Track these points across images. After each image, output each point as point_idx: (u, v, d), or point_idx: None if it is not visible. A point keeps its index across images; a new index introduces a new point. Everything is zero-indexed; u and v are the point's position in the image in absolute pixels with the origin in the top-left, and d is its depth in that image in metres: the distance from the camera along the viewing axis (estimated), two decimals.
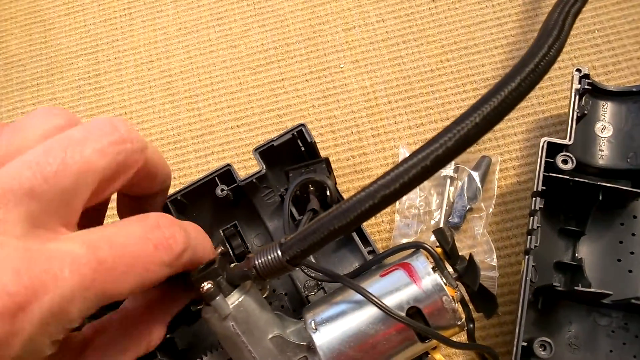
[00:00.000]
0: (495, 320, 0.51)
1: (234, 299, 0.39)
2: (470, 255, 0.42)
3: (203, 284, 0.38)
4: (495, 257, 0.52)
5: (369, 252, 0.51)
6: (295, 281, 0.52)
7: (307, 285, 0.52)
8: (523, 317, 0.45)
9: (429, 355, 0.47)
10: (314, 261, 0.51)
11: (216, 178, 0.52)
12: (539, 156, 0.48)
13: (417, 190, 0.54)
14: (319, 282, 0.51)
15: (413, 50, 0.61)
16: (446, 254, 0.44)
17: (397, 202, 0.55)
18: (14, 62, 0.69)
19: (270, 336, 0.41)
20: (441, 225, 0.53)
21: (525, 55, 0.35)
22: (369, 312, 0.41)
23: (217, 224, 0.56)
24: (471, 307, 0.44)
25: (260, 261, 0.38)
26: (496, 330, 0.51)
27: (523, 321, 0.44)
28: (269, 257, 0.38)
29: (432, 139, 0.33)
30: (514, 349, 0.44)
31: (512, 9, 0.62)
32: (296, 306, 0.53)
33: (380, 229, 0.56)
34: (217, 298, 0.38)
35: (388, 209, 0.56)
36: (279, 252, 0.37)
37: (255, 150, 0.52)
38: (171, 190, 0.58)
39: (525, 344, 0.45)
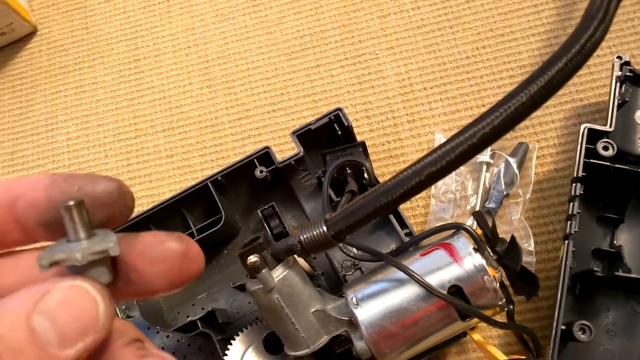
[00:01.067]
0: (531, 305, 0.51)
1: (279, 273, 0.40)
2: (512, 237, 0.42)
3: (249, 257, 0.39)
4: (532, 242, 0.52)
5: (406, 234, 0.51)
6: (333, 261, 0.53)
7: (345, 265, 0.52)
8: (563, 299, 0.45)
9: (467, 336, 0.47)
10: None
11: (255, 160, 0.53)
12: (579, 142, 0.48)
13: (453, 175, 0.55)
14: (356, 263, 0.52)
15: (448, 37, 0.61)
16: (486, 236, 0.44)
17: (433, 187, 0.55)
18: (57, 47, 0.71)
19: (312, 310, 0.42)
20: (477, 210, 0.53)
21: (570, 37, 0.35)
22: (411, 290, 0.42)
23: (254, 204, 0.57)
24: (510, 291, 0.45)
25: (305, 236, 0.38)
26: (532, 315, 0.51)
27: (563, 303, 0.45)
28: (315, 233, 0.38)
29: (478, 117, 0.33)
30: (553, 331, 0.44)
31: None
32: (332, 286, 0.54)
33: (416, 213, 0.56)
34: (263, 271, 0.39)
35: (424, 194, 0.56)
36: (325, 228, 0.38)
37: (293, 133, 0.53)
38: (210, 172, 0.59)
39: (564, 327, 0.45)
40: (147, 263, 0.25)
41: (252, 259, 0.39)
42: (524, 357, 0.45)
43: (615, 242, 0.50)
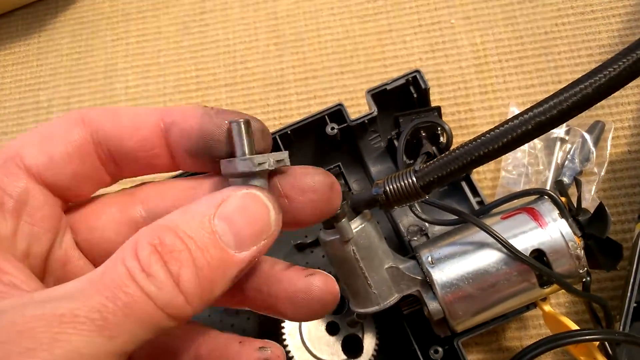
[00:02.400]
0: (596, 286, 0.50)
1: (357, 224, 0.39)
2: (600, 204, 0.41)
3: None
4: None
5: (478, 203, 0.51)
6: (399, 225, 0.52)
7: (411, 230, 0.52)
8: (637, 276, 0.44)
9: (533, 309, 0.47)
10: (420, 210, 0.50)
11: (326, 116, 0.53)
12: None
13: (526, 147, 0.54)
14: (423, 229, 0.51)
15: (528, 11, 0.60)
16: (569, 204, 0.43)
17: (503, 160, 0.54)
18: None
19: (386, 266, 0.41)
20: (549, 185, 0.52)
21: None
22: (490, 252, 0.41)
23: (319, 164, 0.56)
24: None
25: (392, 187, 0.38)
26: (602, 295, 0.50)
27: (638, 280, 0.44)
28: (402, 184, 0.38)
29: (591, 70, 0.32)
30: (625, 308, 0.44)
31: None
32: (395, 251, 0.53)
33: (483, 185, 0.55)
34: (343, 220, 0.39)
35: (492, 166, 0.55)
36: (414, 179, 0.37)
37: (368, 92, 0.52)
38: (273, 130, 0.58)
39: (635, 304, 0.44)
40: (298, 192, 0.27)
41: None
42: (595, 329, 0.44)
43: None
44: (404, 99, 0.53)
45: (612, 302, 0.49)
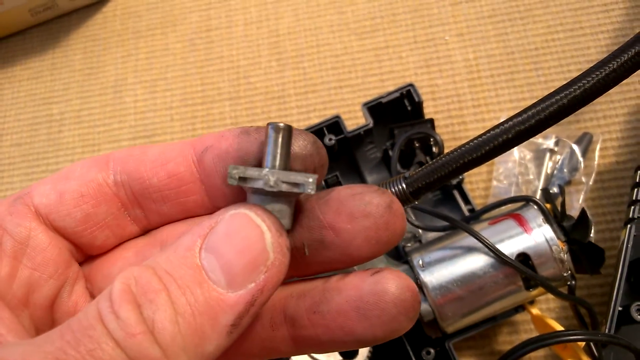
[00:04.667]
0: (584, 292, 0.52)
1: None
2: (583, 210, 0.43)
3: None
4: (592, 230, 0.53)
5: (469, 211, 0.53)
6: None
7: (404, 236, 0.54)
8: (622, 280, 0.46)
9: (524, 310, 0.48)
10: (413, 217, 0.52)
11: (324, 128, 0.55)
12: None
13: (516, 158, 0.56)
14: (416, 235, 0.53)
15: (519, 28, 0.63)
16: (554, 211, 0.45)
17: (495, 170, 0.56)
18: (131, 12, 0.74)
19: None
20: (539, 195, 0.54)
21: None
22: (478, 255, 0.43)
23: None
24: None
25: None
26: (591, 300, 0.52)
27: (622, 284, 0.46)
28: (393, 190, 0.40)
29: (568, 82, 0.34)
30: (611, 311, 0.45)
31: None
32: (389, 256, 0.55)
33: (476, 194, 0.57)
34: None
35: (485, 176, 0.57)
36: (404, 185, 0.39)
37: (364, 105, 0.55)
38: None
39: (621, 308, 0.46)
40: (346, 219, 0.22)
41: None
42: (580, 331, 0.45)
43: None
44: (399, 112, 0.56)
45: (602, 307, 0.50)
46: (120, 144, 0.68)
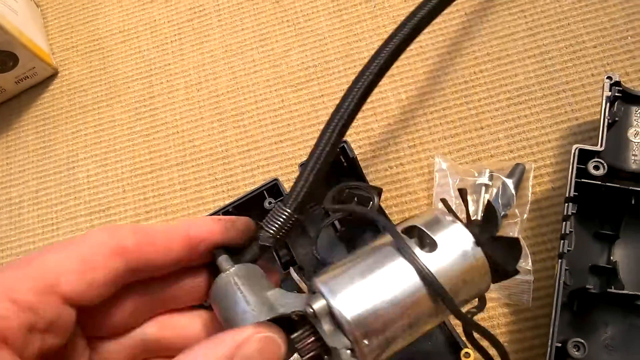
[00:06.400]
0: (531, 323, 0.53)
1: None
2: (488, 202, 0.43)
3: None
4: (530, 261, 0.53)
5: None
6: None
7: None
8: (557, 318, 0.46)
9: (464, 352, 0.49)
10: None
11: (264, 191, 0.56)
12: (571, 163, 0.50)
13: (452, 196, 0.57)
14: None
15: (447, 63, 0.64)
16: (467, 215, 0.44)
17: (434, 205, 0.57)
18: (76, 87, 0.75)
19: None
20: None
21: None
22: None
23: None
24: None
25: (274, 227, 0.39)
26: (532, 333, 0.52)
27: (557, 322, 0.46)
28: (280, 220, 0.40)
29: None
30: (548, 349, 0.46)
31: (544, 19, 0.63)
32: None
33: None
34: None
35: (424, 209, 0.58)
36: (288, 210, 0.40)
37: (300, 165, 0.56)
38: (222, 203, 0.62)
39: (559, 344, 0.46)
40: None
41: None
42: None
43: (612, 258, 0.51)
44: (335, 167, 0.57)
45: (542, 339, 0.51)
46: (76, 220, 0.69)
